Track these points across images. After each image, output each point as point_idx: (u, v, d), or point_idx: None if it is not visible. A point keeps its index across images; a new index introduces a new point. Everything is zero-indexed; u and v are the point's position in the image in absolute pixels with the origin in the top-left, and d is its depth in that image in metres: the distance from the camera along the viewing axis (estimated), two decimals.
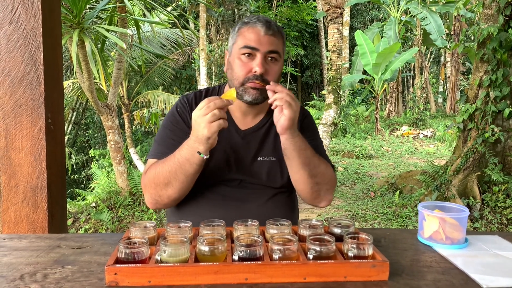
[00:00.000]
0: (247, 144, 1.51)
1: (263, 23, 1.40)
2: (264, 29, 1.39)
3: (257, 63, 1.38)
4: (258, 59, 1.39)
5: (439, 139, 11.80)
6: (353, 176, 7.40)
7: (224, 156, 1.48)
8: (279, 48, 1.42)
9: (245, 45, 1.39)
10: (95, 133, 13.95)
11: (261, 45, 1.39)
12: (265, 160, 1.50)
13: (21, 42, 1.52)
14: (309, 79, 21.96)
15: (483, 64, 4.90)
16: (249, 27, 1.41)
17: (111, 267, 0.96)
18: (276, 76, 1.43)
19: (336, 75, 7.61)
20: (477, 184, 4.68)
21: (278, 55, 1.42)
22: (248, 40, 1.39)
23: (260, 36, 1.39)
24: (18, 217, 1.56)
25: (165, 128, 1.52)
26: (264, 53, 1.39)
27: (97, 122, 12.91)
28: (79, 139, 14.08)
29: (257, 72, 1.38)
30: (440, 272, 1.06)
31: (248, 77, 1.40)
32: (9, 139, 1.54)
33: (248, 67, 1.40)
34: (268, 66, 1.40)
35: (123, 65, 4.69)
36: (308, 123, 1.61)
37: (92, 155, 9.02)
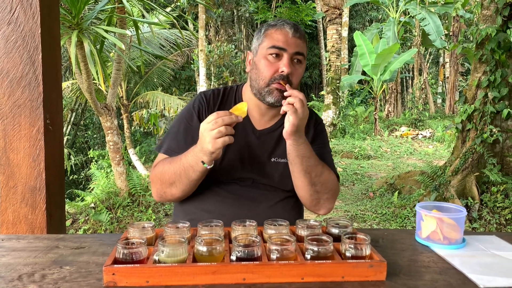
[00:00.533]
0: (262, 144, 1.52)
1: (291, 26, 1.44)
2: (292, 31, 1.43)
3: (284, 63, 1.40)
4: (285, 59, 1.41)
5: (438, 139, 11.81)
6: (352, 176, 7.41)
7: (238, 155, 1.49)
8: (304, 50, 1.46)
9: (273, 45, 1.41)
10: (94, 134, 13.95)
11: (289, 46, 1.41)
12: (279, 161, 1.52)
13: (20, 42, 1.53)
14: (308, 79, 21.98)
15: (481, 65, 4.91)
16: (276, 29, 1.44)
17: (109, 267, 0.96)
18: (299, 78, 1.46)
19: (335, 76, 7.62)
20: (476, 185, 4.69)
21: (303, 57, 1.45)
22: (276, 41, 1.42)
23: (288, 38, 1.42)
24: (16, 217, 1.56)
25: (179, 124, 1.54)
26: (291, 54, 1.42)
27: (96, 123, 12.91)
28: (78, 140, 14.07)
29: (284, 72, 1.40)
30: (437, 272, 1.06)
31: (275, 77, 1.42)
32: (7, 140, 1.54)
33: (275, 67, 1.42)
34: (293, 68, 1.43)
35: (122, 66, 4.69)
36: (320, 130, 1.62)
37: (91, 156, 9.01)
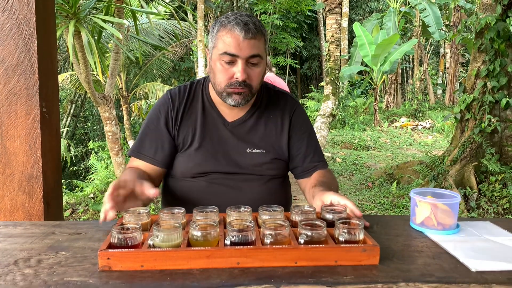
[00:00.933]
0: (235, 136, 1.51)
1: (241, 27, 1.33)
2: (243, 34, 1.32)
3: (239, 70, 1.35)
4: (240, 66, 1.35)
5: (438, 130, 11.81)
6: (351, 167, 7.42)
7: (212, 150, 1.49)
8: (260, 50, 1.37)
9: (225, 52, 1.34)
10: (94, 125, 13.95)
11: (241, 50, 1.34)
12: (255, 152, 1.50)
13: (15, 30, 1.52)
14: (308, 71, 21.92)
15: (480, 54, 4.90)
16: (227, 31, 1.35)
17: (104, 252, 0.97)
18: (259, 79, 1.41)
19: (335, 66, 7.60)
20: (474, 174, 4.70)
21: (259, 58, 1.38)
22: (228, 46, 1.34)
23: (240, 42, 1.33)
24: (13, 205, 1.57)
25: (146, 126, 1.54)
26: (245, 58, 1.35)
27: (96, 115, 12.91)
28: (78, 132, 14.08)
29: (239, 79, 1.36)
30: (430, 256, 1.07)
31: (231, 83, 1.38)
32: (3, 128, 1.54)
33: (230, 73, 1.37)
34: (250, 71, 1.38)
35: (120, 56, 4.68)
36: (298, 115, 1.59)
37: (91, 147, 9.02)
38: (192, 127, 1.50)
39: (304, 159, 1.56)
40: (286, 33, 17.58)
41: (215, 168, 1.48)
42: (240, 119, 1.52)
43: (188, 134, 1.50)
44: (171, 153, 1.52)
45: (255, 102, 1.54)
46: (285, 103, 1.58)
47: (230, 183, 1.49)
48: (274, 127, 1.54)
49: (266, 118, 1.54)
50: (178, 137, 1.51)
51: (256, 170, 1.50)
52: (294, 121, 1.57)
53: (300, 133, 1.56)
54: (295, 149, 1.56)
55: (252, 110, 1.53)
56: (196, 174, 1.49)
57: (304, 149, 1.56)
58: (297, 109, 1.60)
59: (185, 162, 1.50)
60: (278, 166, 1.54)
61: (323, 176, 1.53)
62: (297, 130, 1.55)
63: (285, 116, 1.55)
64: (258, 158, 1.50)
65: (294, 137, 1.55)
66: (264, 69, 1.43)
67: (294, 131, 1.55)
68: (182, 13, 12.19)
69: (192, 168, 1.49)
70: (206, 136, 1.49)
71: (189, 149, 1.50)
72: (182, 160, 1.51)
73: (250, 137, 1.52)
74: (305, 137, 1.57)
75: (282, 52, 18.88)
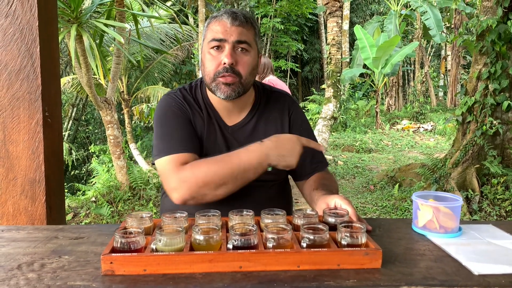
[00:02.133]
0: (235, 141, 1.48)
1: (229, 15, 1.36)
2: (230, 20, 1.35)
3: (225, 54, 1.34)
4: (227, 49, 1.35)
5: (440, 132, 11.80)
6: (353, 170, 7.42)
7: (214, 155, 1.41)
8: (248, 38, 1.37)
9: (213, 38, 1.35)
10: (95, 129, 13.99)
11: (228, 35, 1.34)
12: None
13: (18, 35, 1.53)
14: (309, 74, 21.93)
15: (482, 57, 4.90)
16: (216, 20, 1.37)
17: (107, 256, 0.97)
18: (249, 68, 1.38)
19: (336, 69, 7.61)
20: (476, 177, 4.69)
21: (248, 45, 1.37)
22: (215, 33, 1.35)
23: (227, 27, 1.35)
24: (16, 209, 1.57)
25: (165, 125, 1.42)
26: (233, 43, 1.35)
27: (97, 118, 12.94)
28: (80, 135, 14.11)
29: (226, 63, 1.34)
30: (432, 259, 1.07)
31: (219, 71, 1.36)
32: (6, 132, 1.55)
33: (218, 60, 1.36)
34: (238, 57, 1.36)
35: (121, 60, 4.70)
36: (296, 115, 1.57)
37: (92, 151, 9.03)
38: (199, 127, 1.47)
39: (303, 161, 1.50)
40: (287, 36, 17.60)
41: None
42: (240, 123, 1.50)
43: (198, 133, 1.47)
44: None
45: (254, 104, 1.52)
46: (283, 102, 1.56)
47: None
48: (274, 128, 1.52)
49: (266, 120, 1.52)
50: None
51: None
52: (292, 122, 1.55)
53: (299, 133, 1.49)
54: None
55: (252, 112, 1.51)
56: None
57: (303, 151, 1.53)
58: (295, 109, 1.58)
59: None
60: (278, 171, 1.47)
61: (323, 178, 1.52)
62: (295, 131, 1.52)
63: (284, 117, 1.54)
64: None
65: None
66: (254, 61, 1.41)
67: (294, 131, 1.53)
68: (183, 16, 12.23)
69: None
70: (209, 140, 1.47)
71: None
72: None
73: (251, 140, 1.45)
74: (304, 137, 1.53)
75: (283, 55, 18.90)
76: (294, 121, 1.55)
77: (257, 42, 1.42)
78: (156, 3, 5.30)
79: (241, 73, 1.37)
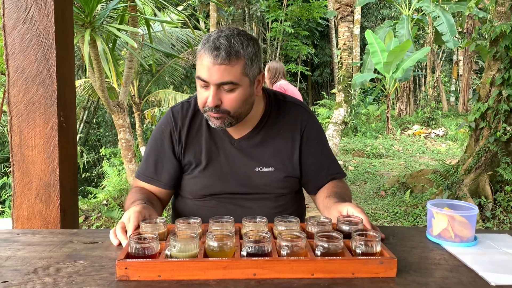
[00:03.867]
0: (242, 154, 1.45)
1: (211, 52, 1.26)
2: (211, 58, 1.26)
3: (209, 96, 1.31)
4: (211, 92, 1.30)
5: (451, 138, 11.69)
6: (364, 175, 7.38)
7: (220, 170, 1.44)
8: (233, 76, 1.28)
9: (198, 76, 1.31)
10: (106, 131, 14.09)
11: (211, 77, 1.28)
12: (264, 171, 1.44)
13: (34, 41, 1.55)
14: (319, 78, 21.92)
15: (495, 62, 4.85)
16: (201, 54, 1.29)
17: (122, 262, 0.98)
18: (237, 103, 1.33)
19: (347, 74, 7.59)
20: (489, 184, 4.64)
21: (232, 85, 1.29)
22: (199, 71, 1.30)
23: (210, 67, 1.27)
24: (31, 213, 1.59)
25: (150, 147, 1.52)
26: (215, 85, 1.29)
27: (109, 121, 13.04)
28: (91, 138, 14.23)
29: (209, 105, 1.31)
30: (448, 269, 1.06)
31: (205, 108, 1.34)
32: (22, 137, 1.57)
33: (205, 96, 1.32)
34: (223, 96, 1.31)
35: (134, 64, 4.73)
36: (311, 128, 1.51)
37: (103, 153, 9.10)
38: (198, 146, 1.45)
39: (318, 175, 1.50)
40: (298, 40, 17.62)
41: (223, 189, 1.44)
42: (247, 135, 1.46)
43: (194, 154, 1.45)
44: (176, 175, 1.48)
45: (263, 116, 1.47)
46: (296, 115, 1.50)
47: (240, 202, 1.44)
48: (284, 142, 1.47)
49: (276, 132, 1.47)
50: (184, 159, 1.46)
51: (266, 189, 1.45)
52: (306, 135, 1.49)
53: (313, 148, 1.49)
54: (308, 165, 1.49)
55: (260, 124, 1.46)
56: (204, 195, 1.45)
57: (318, 164, 1.50)
58: (310, 122, 1.51)
59: (192, 184, 1.46)
60: (289, 184, 1.48)
61: (336, 186, 1.49)
62: (310, 145, 1.48)
63: (296, 129, 1.48)
64: (268, 176, 1.44)
65: (307, 152, 1.48)
66: (244, 94, 1.34)
67: (307, 146, 1.48)
68: (195, 20, 12.31)
69: (200, 190, 1.45)
70: (212, 156, 1.44)
71: (195, 170, 1.45)
72: (189, 181, 1.47)
73: (259, 154, 1.45)
74: (318, 151, 1.50)
75: (294, 59, 18.91)
76: (308, 136, 1.49)
77: (249, 72, 1.32)
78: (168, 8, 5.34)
79: (228, 110, 1.33)
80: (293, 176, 1.48)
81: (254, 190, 1.45)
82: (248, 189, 1.44)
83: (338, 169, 1.55)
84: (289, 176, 1.46)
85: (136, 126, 9.49)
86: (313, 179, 1.51)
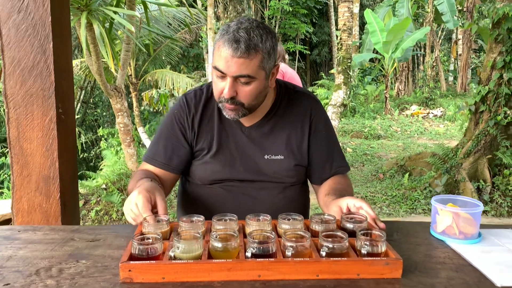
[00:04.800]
0: (252, 141, 1.46)
1: (231, 44, 1.26)
2: (231, 51, 1.26)
3: (225, 87, 1.31)
4: (227, 83, 1.31)
5: (449, 118, 11.68)
6: (362, 157, 7.38)
7: (230, 157, 1.45)
8: (250, 69, 1.29)
9: (215, 67, 1.31)
10: (104, 111, 14.01)
11: (229, 69, 1.28)
12: (273, 159, 1.46)
13: (30, 31, 1.51)
14: (317, 57, 21.70)
15: (497, 45, 4.79)
16: (220, 45, 1.29)
17: (126, 264, 0.97)
18: (251, 96, 1.34)
19: (346, 55, 7.50)
20: (488, 167, 4.64)
21: (249, 78, 1.30)
22: (217, 62, 1.30)
23: (228, 59, 1.27)
24: (31, 206, 1.58)
25: (161, 131, 1.52)
26: (232, 77, 1.30)
27: (106, 101, 12.95)
28: (88, 118, 14.14)
29: (225, 96, 1.32)
30: (453, 269, 1.05)
31: (221, 98, 1.35)
32: (20, 129, 1.55)
33: (221, 87, 1.33)
34: (239, 89, 1.32)
35: (131, 47, 4.66)
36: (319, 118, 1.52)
37: (100, 134, 9.05)
38: (210, 133, 1.47)
39: (323, 166, 1.51)
40: (296, 19, 17.38)
41: (232, 176, 1.45)
42: (257, 123, 1.47)
43: (206, 140, 1.47)
44: (187, 160, 1.49)
45: (273, 105, 1.49)
46: (305, 104, 1.51)
47: (247, 190, 1.46)
48: (294, 130, 1.48)
49: (286, 121, 1.48)
50: (196, 145, 1.48)
51: (274, 178, 1.46)
52: (314, 125, 1.50)
53: (321, 138, 1.50)
54: (315, 155, 1.50)
55: (271, 113, 1.48)
56: (213, 181, 1.47)
57: (324, 156, 1.51)
58: (318, 111, 1.53)
59: (202, 170, 1.48)
60: (297, 174, 1.49)
61: (337, 182, 1.49)
62: (317, 135, 1.49)
63: (305, 118, 1.49)
64: (277, 164, 1.46)
65: (315, 142, 1.49)
66: (259, 87, 1.35)
67: (315, 136, 1.49)
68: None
69: (210, 175, 1.46)
70: (223, 143, 1.46)
71: (206, 156, 1.47)
72: (199, 167, 1.48)
73: (269, 142, 1.47)
74: (325, 142, 1.51)
75: (292, 37, 18.69)
76: (316, 126, 1.50)
77: (265, 65, 1.33)
78: None
79: (243, 102, 1.34)
80: (302, 165, 1.50)
81: (263, 178, 1.46)
82: (256, 176, 1.46)
83: (343, 162, 1.55)
84: (297, 164, 1.48)
85: (133, 106, 9.44)
86: (318, 170, 1.52)
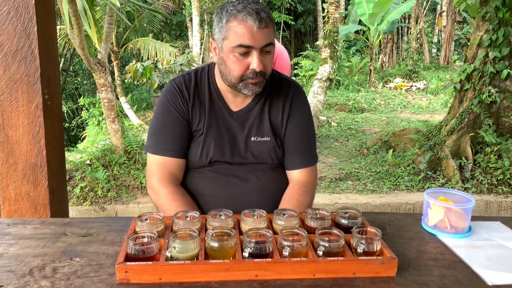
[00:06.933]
0: (240, 125, 1.50)
1: (255, 17, 1.29)
2: (257, 24, 1.29)
3: (255, 61, 1.33)
4: (256, 57, 1.33)
5: (432, 91, 11.77)
6: (346, 131, 7.42)
7: (218, 139, 1.48)
8: (271, 37, 1.35)
9: (240, 44, 1.31)
10: (84, 79, 13.68)
11: (256, 41, 1.31)
12: (259, 140, 1.50)
13: (13, 14, 1.44)
14: (302, 27, 21.42)
15: (484, 23, 4.79)
16: (239, 22, 1.31)
17: (122, 265, 0.96)
18: (270, 64, 1.40)
19: (333, 28, 7.41)
20: (470, 145, 4.72)
21: (272, 46, 1.36)
22: (242, 38, 1.31)
23: (254, 32, 1.30)
24: (18, 194, 1.55)
25: (160, 120, 1.50)
26: (260, 48, 1.33)
27: (86, 69, 12.64)
28: (68, 87, 13.81)
29: (257, 70, 1.34)
30: (445, 266, 1.07)
31: (247, 75, 1.36)
32: (5, 116, 1.49)
33: (245, 64, 1.35)
34: (264, 59, 1.36)
35: (114, 19, 4.50)
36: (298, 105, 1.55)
37: (82, 103, 8.87)
38: (200, 117, 1.49)
39: (292, 153, 1.53)
40: None
41: (221, 158, 1.48)
42: (245, 108, 1.51)
43: (199, 123, 1.49)
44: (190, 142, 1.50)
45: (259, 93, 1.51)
46: (287, 90, 1.55)
47: (236, 173, 1.49)
48: (276, 114, 1.52)
49: (270, 105, 1.52)
50: (192, 125, 1.49)
51: (260, 159, 1.50)
52: (292, 110, 1.54)
53: (294, 124, 1.53)
54: (285, 140, 1.53)
55: (257, 98, 1.52)
56: (203, 164, 1.48)
57: (296, 145, 1.53)
58: (298, 98, 1.56)
59: (192, 153, 1.49)
60: (281, 156, 1.53)
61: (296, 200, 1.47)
62: (293, 120, 1.53)
63: (286, 104, 1.53)
64: (263, 145, 1.49)
65: (289, 127, 1.53)
66: (274, 53, 1.42)
67: (290, 121, 1.52)
68: None
69: (199, 158, 1.47)
70: (212, 126, 1.48)
71: (196, 140, 1.49)
72: (192, 149, 1.49)
73: (255, 125, 1.50)
74: (298, 129, 1.53)
75: (277, 6, 18.36)
76: (293, 112, 1.53)
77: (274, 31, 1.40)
78: None
79: (266, 72, 1.38)
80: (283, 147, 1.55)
81: (249, 160, 1.50)
82: (243, 159, 1.49)
83: (312, 156, 1.57)
84: (281, 146, 1.53)
85: (115, 75, 9.22)
86: (288, 156, 1.55)
